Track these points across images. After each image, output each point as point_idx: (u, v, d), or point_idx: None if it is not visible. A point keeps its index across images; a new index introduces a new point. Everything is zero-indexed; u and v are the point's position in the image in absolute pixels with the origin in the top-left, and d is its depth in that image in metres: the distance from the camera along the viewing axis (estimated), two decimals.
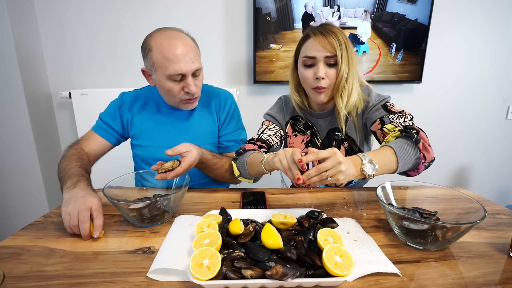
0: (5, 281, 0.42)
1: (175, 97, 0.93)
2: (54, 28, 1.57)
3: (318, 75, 0.85)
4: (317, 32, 0.85)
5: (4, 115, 1.52)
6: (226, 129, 1.06)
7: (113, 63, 1.64)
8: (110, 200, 0.67)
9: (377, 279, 0.51)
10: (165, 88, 0.91)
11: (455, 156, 1.94)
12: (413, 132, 0.76)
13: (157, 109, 1.03)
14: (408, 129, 0.78)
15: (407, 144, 0.75)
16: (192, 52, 0.88)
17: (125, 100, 1.04)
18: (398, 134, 0.79)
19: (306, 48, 0.87)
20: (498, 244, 0.63)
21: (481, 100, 1.84)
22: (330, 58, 0.84)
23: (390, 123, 0.83)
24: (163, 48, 0.86)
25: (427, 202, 0.73)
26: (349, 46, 0.85)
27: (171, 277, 0.52)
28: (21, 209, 1.68)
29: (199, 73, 0.93)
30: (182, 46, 0.86)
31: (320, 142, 1.00)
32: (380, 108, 0.89)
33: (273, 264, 0.49)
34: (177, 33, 0.89)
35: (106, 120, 1.02)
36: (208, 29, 1.61)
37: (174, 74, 0.87)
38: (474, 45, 1.74)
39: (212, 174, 0.99)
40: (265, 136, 0.98)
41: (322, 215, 0.68)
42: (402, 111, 0.86)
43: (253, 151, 0.90)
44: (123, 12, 1.57)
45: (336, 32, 0.84)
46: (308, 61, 0.87)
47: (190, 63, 0.87)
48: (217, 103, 1.06)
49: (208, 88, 1.10)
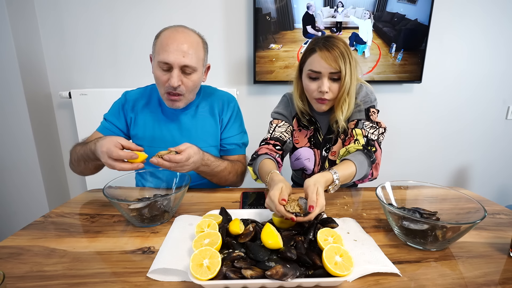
0: (5, 281, 0.42)
1: (161, 88, 0.92)
2: (54, 28, 1.57)
3: (322, 89, 0.89)
4: (323, 48, 0.87)
5: (4, 115, 1.52)
6: (229, 132, 1.06)
7: (113, 63, 1.64)
8: (110, 200, 0.67)
9: (377, 279, 0.51)
10: (155, 75, 0.91)
11: (455, 156, 1.94)
12: (372, 150, 0.87)
13: (160, 109, 1.02)
14: (369, 146, 0.87)
15: (365, 161, 0.85)
16: (188, 46, 0.87)
17: (128, 99, 1.03)
18: (360, 148, 0.88)
19: (311, 62, 0.89)
20: (498, 244, 0.63)
21: (481, 100, 1.84)
22: (334, 74, 0.87)
23: (361, 129, 0.91)
24: (165, 37, 0.87)
25: (427, 202, 0.73)
26: (352, 60, 0.88)
27: (171, 277, 0.52)
28: (21, 209, 1.68)
29: (192, 72, 0.90)
30: (180, 38, 0.87)
31: (322, 137, 1.03)
32: (363, 110, 0.95)
33: (273, 264, 0.49)
34: (185, 29, 0.90)
35: (111, 119, 1.02)
36: (208, 29, 1.60)
37: (161, 62, 0.86)
38: (474, 45, 1.74)
39: (216, 179, 0.98)
40: (277, 133, 1.01)
41: (322, 215, 0.68)
42: (379, 123, 0.93)
43: (265, 155, 0.92)
44: (123, 12, 1.57)
45: (341, 47, 0.86)
46: (313, 74, 0.90)
47: (180, 56, 0.86)
48: (220, 106, 1.05)
49: (212, 90, 1.10)
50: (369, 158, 0.86)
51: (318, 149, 1.03)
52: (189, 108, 1.02)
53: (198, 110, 1.03)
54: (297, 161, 1.06)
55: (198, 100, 1.04)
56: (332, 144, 1.01)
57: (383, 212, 0.75)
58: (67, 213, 0.78)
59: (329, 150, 1.02)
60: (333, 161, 1.01)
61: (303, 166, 1.04)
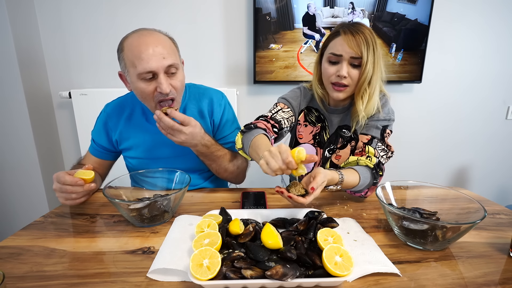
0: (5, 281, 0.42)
1: (150, 100, 0.85)
2: (54, 28, 1.57)
3: (340, 73, 0.86)
4: (347, 31, 0.84)
5: (4, 115, 1.52)
6: (222, 132, 1.02)
7: (113, 63, 1.62)
8: (110, 200, 0.67)
9: (377, 279, 0.51)
10: (139, 91, 0.83)
11: (455, 156, 1.94)
12: (379, 174, 0.85)
13: (144, 118, 0.97)
14: (378, 169, 0.85)
15: (369, 180, 0.84)
16: (163, 47, 0.81)
17: (110, 114, 0.98)
18: (371, 166, 0.85)
19: (334, 45, 0.87)
20: (498, 244, 0.63)
21: (481, 100, 1.84)
22: (355, 59, 0.85)
23: (374, 149, 0.88)
24: (132, 46, 0.80)
25: (427, 202, 0.73)
26: (376, 49, 0.85)
27: (171, 277, 0.52)
28: (21, 209, 1.68)
29: (176, 71, 0.84)
30: (152, 42, 0.80)
31: (327, 137, 1.01)
32: (380, 128, 0.91)
33: (273, 264, 0.49)
34: (149, 31, 0.84)
35: (97, 140, 0.99)
36: (208, 29, 1.60)
37: (143, 72, 0.79)
38: (474, 45, 1.74)
39: (216, 165, 0.94)
40: (279, 117, 0.95)
41: (322, 215, 0.68)
42: (390, 147, 0.92)
43: (264, 131, 0.86)
44: (123, 12, 1.56)
45: (366, 33, 0.84)
46: (333, 58, 0.87)
47: (160, 59, 0.79)
48: (209, 107, 0.99)
49: (197, 89, 1.02)
50: (374, 179, 0.84)
51: (321, 148, 1.01)
52: None
53: (186, 113, 0.97)
54: None
55: (185, 102, 0.98)
56: (338, 147, 0.99)
57: (383, 212, 0.75)
58: (67, 213, 0.78)
59: (332, 151, 1.00)
60: (336, 164, 0.99)
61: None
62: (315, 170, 0.71)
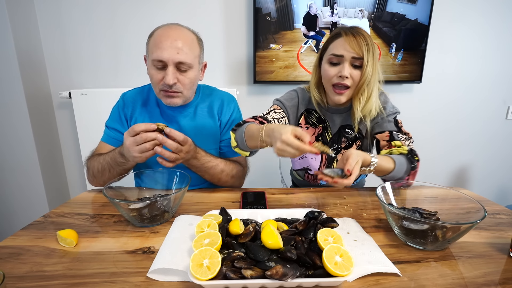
0: (5, 281, 0.42)
1: (156, 87, 0.90)
2: (54, 28, 1.57)
3: (342, 73, 0.86)
4: (349, 33, 0.86)
5: (4, 115, 1.52)
6: (227, 134, 1.03)
7: (113, 63, 1.64)
8: (110, 200, 0.67)
9: (377, 279, 0.51)
10: (149, 75, 0.89)
11: (455, 156, 1.94)
12: (415, 159, 0.84)
13: (159, 110, 1.00)
14: (413, 154, 0.85)
15: (405, 164, 0.83)
16: (183, 44, 0.85)
17: (126, 100, 1.01)
18: (405, 153, 0.86)
19: (334, 46, 0.88)
20: (498, 244, 0.63)
21: (481, 100, 1.84)
22: (356, 60, 0.85)
23: (399, 141, 0.90)
24: (158, 35, 0.86)
25: (427, 202, 0.73)
26: (375, 52, 0.86)
27: (171, 277, 0.52)
28: (21, 209, 1.68)
29: (187, 69, 0.88)
30: (173, 35, 0.85)
31: (330, 137, 1.01)
32: (392, 121, 0.94)
33: (273, 264, 0.49)
34: (177, 26, 0.89)
35: (114, 126, 0.99)
36: (208, 29, 1.61)
37: (155, 60, 0.85)
38: (474, 45, 1.74)
39: (208, 176, 0.95)
40: (270, 117, 0.96)
41: (322, 215, 0.68)
42: (408, 134, 0.93)
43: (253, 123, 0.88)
44: (123, 12, 1.57)
45: (366, 36, 0.86)
46: (334, 59, 0.87)
47: (174, 52, 0.84)
48: (219, 107, 1.03)
49: (211, 90, 1.08)
50: (411, 163, 0.84)
51: None
52: (187, 110, 1.01)
53: (197, 111, 1.01)
54: (302, 159, 1.04)
55: (197, 100, 1.03)
56: (343, 147, 0.99)
57: (383, 212, 0.75)
58: (67, 213, 0.78)
59: (337, 151, 1.01)
60: None
61: (308, 165, 1.03)
62: (346, 152, 0.71)
